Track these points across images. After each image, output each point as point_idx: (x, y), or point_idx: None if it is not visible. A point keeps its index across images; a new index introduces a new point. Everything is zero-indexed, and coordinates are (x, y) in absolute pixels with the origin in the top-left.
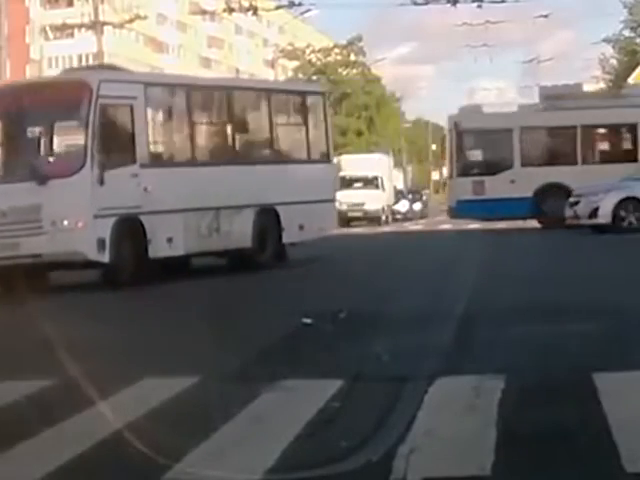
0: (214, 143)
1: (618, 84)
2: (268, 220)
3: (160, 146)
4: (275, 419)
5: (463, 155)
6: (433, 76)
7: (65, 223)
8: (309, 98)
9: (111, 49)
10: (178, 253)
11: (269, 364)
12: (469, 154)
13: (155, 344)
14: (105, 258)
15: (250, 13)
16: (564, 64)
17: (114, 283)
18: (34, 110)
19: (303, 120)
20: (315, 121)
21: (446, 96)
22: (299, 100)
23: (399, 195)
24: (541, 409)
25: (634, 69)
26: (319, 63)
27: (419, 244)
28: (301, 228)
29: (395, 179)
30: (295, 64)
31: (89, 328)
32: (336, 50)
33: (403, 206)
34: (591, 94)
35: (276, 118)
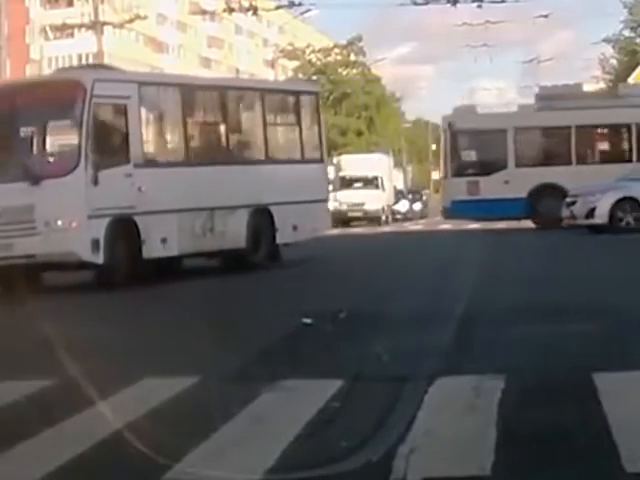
0: (208, 143)
1: (618, 84)
2: (262, 220)
3: (154, 146)
4: (275, 419)
5: (457, 155)
6: (433, 76)
7: (59, 223)
8: (302, 98)
9: (111, 49)
10: (172, 253)
11: (269, 364)
12: (463, 154)
13: (155, 344)
14: (99, 259)
15: (250, 13)
16: (564, 64)
17: (108, 284)
18: (27, 110)
19: (296, 120)
20: (308, 121)
21: (446, 96)
22: (292, 100)
23: (399, 195)
24: (541, 409)
25: (634, 69)
26: (319, 63)
27: (419, 244)
28: (295, 228)
29: (395, 179)
30: (295, 64)
31: (87, 328)
32: (336, 50)
33: (403, 206)
34: (586, 94)
35: (269, 118)
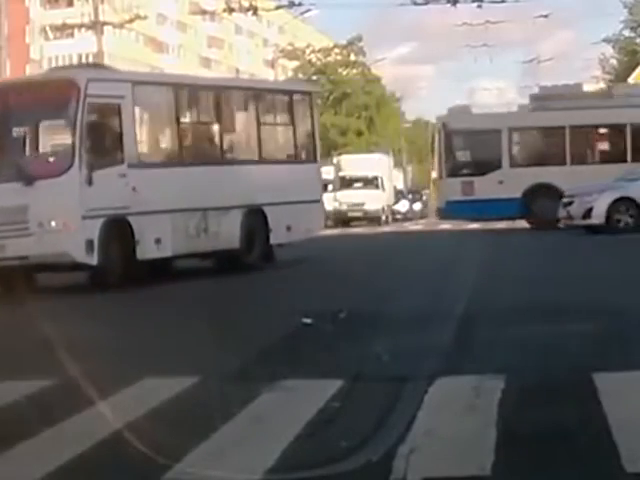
0: (202, 143)
1: (612, 84)
2: (256, 221)
3: (148, 146)
4: (275, 419)
5: (452, 156)
6: (433, 76)
7: (52, 224)
8: (296, 97)
9: (111, 49)
10: (166, 254)
11: (269, 364)
12: (458, 155)
13: (154, 344)
14: (93, 260)
15: (250, 13)
16: (564, 64)
17: (102, 285)
18: (21, 109)
19: (290, 120)
20: (302, 121)
21: (446, 96)
22: (286, 100)
23: (399, 195)
24: (541, 409)
25: (634, 69)
26: (319, 63)
27: (419, 244)
28: (289, 229)
29: (395, 179)
30: (295, 64)
31: (85, 329)
32: (336, 50)
33: (403, 206)
34: (580, 95)
35: (263, 118)
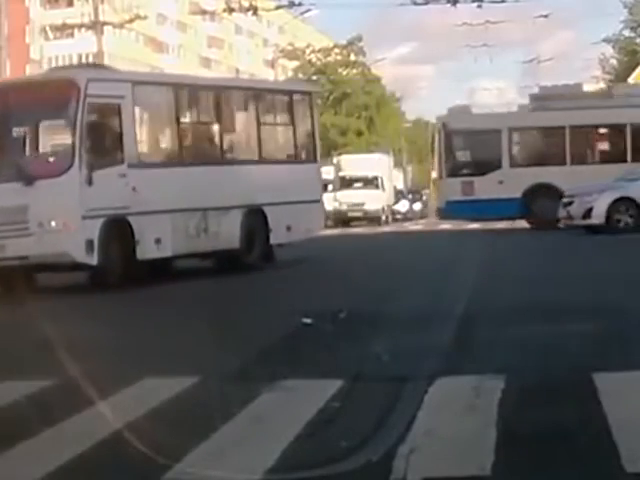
0: (202, 143)
1: (612, 84)
2: (256, 221)
3: (148, 146)
4: (275, 419)
5: (452, 156)
6: (433, 76)
7: (53, 224)
8: (295, 97)
9: (111, 49)
10: (166, 254)
11: (269, 364)
12: (458, 155)
13: (154, 344)
14: (93, 260)
15: (250, 13)
16: (564, 64)
17: (102, 285)
18: (21, 109)
19: (290, 120)
20: (302, 121)
21: (446, 96)
22: (286, 100)
23: (399, 195)
24: (541, 409)
25: (634, 69)
26: (319, 63)
27: (419, 244)
28: (288, 229)
29: (395, 179)
30: (295, 64)
31: (85, 329)
32: (336, 50)
33: (403, 206)
34: (580, 95)
35: (263, 118)
